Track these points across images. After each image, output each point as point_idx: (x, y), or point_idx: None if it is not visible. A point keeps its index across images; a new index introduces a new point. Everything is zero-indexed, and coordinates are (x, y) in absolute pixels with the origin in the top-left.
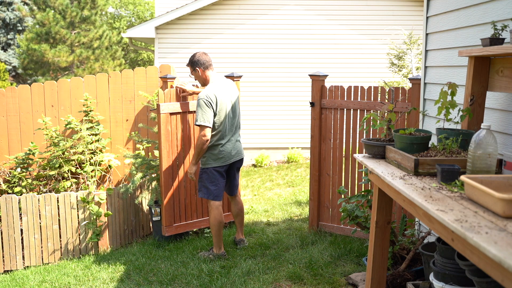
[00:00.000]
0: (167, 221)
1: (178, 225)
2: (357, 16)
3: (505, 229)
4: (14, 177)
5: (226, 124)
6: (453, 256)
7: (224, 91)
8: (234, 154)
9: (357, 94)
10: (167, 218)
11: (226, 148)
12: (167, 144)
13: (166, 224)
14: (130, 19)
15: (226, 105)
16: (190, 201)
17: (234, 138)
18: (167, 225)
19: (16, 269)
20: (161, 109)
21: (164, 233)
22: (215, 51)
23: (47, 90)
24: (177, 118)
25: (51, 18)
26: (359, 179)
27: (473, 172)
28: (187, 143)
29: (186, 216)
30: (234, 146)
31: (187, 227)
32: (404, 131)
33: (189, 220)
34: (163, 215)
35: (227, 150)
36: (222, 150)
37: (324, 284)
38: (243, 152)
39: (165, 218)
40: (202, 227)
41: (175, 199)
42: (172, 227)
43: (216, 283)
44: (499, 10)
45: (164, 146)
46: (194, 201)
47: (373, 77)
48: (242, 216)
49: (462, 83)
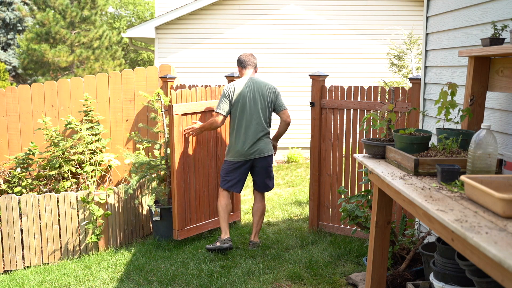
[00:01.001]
0: (179, 224)
1: (189, 228)
2: (357, 16)
3: (505, 229)
4: (14, 177)
5: (242, 120)
6: (453, 256)
7: (247, 88)
8: (253, 152)
9: (357, 94)
10: (180, 221)
11: (237, 144)
12: (179, 146)
13: (179, 228)
14: (130, 19)
15: (243, 100)
16: (199, 203)
17: (251, 136)
18: (179, 229)
19: (16, 269)
20: (174, 110)
21: (177, 237)
22: (215, 51)
23: (47, 90)
24: (187, 119)
25: (51, 18)
26: (359, 179)
27: (473, 172)
28: (198, 144)
29: (196, 218)
30: (253, 144)
31: (197, 230)
32: (404, 131)
33: (199, 223)
34: (175, 219)
35: (239, 146)
36: (234, 146)
37: (324, 284)
38: (267, 152)
39: (178, 222)
40: (210, 228)
41: (186, 202)
42: (184, 231)
43: (216, 283)
44: (499, 10)
45: (177, 148)
46: (203, 203)
47: (373, 77)
48: (258, 217)
49: (462, 83)
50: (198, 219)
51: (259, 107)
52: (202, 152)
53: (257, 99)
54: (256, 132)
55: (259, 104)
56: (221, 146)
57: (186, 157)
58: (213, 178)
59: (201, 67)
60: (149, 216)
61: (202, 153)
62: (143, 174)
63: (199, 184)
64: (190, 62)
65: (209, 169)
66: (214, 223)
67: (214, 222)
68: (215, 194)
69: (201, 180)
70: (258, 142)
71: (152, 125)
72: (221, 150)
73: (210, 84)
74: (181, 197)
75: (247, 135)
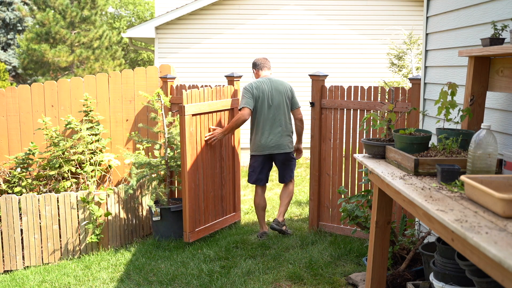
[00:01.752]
0: (190, 227)
1: (199, 229)
2: (357, 16)
3: (505, 229)
4: (14, 177)
5: (262, 116)
6: (453, 256)
7: (265, 85)
8: (272, 146)
9: (357, 94)
10: (191, 224)
11: (260, 138)
12: (190, 147)
13: (190, 230)
14: (130, 19)
15: (262, 97)
16: (207, 204)
17: (273, 131)
18: (190, 231)
19: (16, 269)
20: (186, 110)
21: (188, 239)
22: (215, 51)
23: (47, 90)
24: (197, 119)
25: (51, 18)
26: (359, 179)
27: (473, 172)
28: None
29: (205, 219)
30: (274, 139)
31: (206, 231)
32: (404, 131)
33: (207, 224)
34: (186, 221)
35: (262, 140)
36: (257, 140)
37: (324, 284)
38: (286, 147)
39: (189, 224)
40: (217, 229)
41: (195, 203)
42: (194, 233)
43: (216, 283)
44: (499, 10)
45: (188, 149)
46: (210, 204)
47: (373, 77)
48: (285, 198)
49: (462, 83)
50: (206, 221)
51: (278, 103)
52: (209, 153)
53: (275, 96)
54: (275, 126)
55: (278, 100)
56: (225, 147)
57: (195, 158)
58: (218, 179)
59: (201, 67)
60: (149, 216)
61: (209, 154)
62: (143, 174)
63: (207, 185)
64: (190, 62)
65: (214, 169)
66: (220, 224)
67: (220, 222)
68: (221, 195)
69: (208, 181)
70: (279, 138)
71: (152, 125)
72: (225, 151)
73: (210, 84)
74: (192, 199)
75: (271, 132)
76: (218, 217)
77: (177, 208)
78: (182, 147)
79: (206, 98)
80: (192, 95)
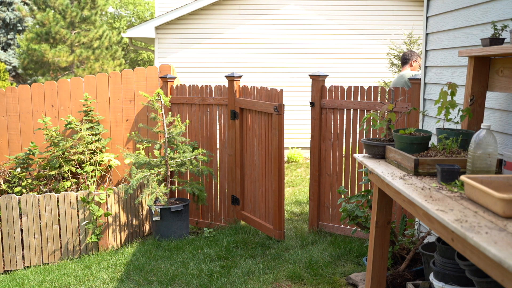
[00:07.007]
0: (280, 225)
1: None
2: (357, 16)
3: (505, 229)
4: (14, 177)
5: None
6: (453, 256)
7: (399, 79)
8: None
9: (357, 94)
10: (280, 223)
11: None
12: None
13: (280, 228)
14: (130, 19)
15: None
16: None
17: None
18: (280, 229)
19: (16, 269)
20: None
21: (280, 237)
22: (215, 51)
23: (47, 90)
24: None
25: (51, 18)
26: (359, 179)
27: (473, 172)
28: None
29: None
30: None
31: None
32: (404, 131)
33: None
34: (277, 220)
35: None
36: None
37: (324, 284)
38: None
39: (279, 224)
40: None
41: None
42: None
43: (216, 283)
44: (499, 10)
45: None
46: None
47: (373, 77)
48: None
49: (462, 83)
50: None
51: None
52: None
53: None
54: None
55: None
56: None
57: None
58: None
59: (201, 67)
60: (149, 216)
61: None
62: (143, 174)
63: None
64: (190, 62)
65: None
66: None
67: None
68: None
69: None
70: None
71: (152, 125)
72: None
73: (210, 84)
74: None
75: None
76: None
77: (177, 208)
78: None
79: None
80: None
